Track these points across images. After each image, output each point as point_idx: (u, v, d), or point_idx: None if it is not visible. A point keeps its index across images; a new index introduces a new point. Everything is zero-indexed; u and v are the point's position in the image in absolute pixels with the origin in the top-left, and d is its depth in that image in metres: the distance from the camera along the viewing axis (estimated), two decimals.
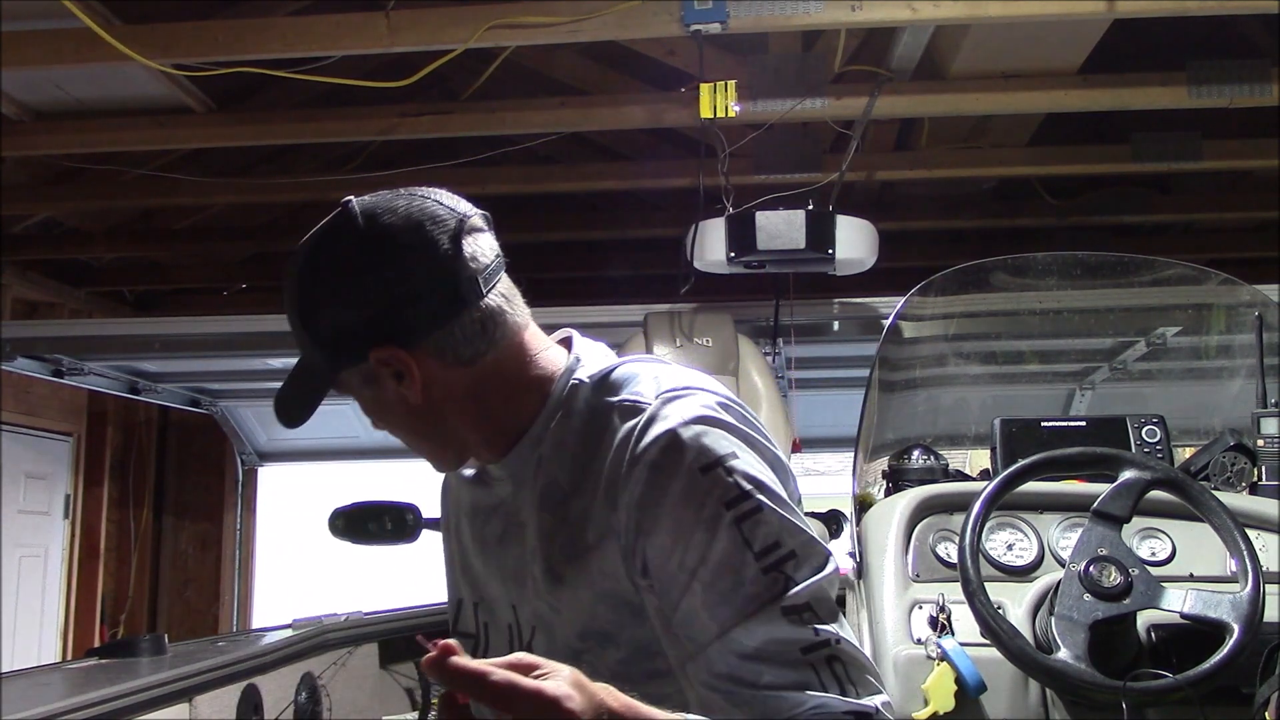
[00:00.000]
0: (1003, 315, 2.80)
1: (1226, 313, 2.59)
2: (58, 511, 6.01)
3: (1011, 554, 1.78)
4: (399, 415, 1.04)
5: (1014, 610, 1.62)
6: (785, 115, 3.58)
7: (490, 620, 1.13)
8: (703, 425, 0.97)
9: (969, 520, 1.53)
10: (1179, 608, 1.42)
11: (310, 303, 1.01)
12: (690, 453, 0.95)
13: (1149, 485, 1.51)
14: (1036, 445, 1.92)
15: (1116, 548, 1.47)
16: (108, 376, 4.58)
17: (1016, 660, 1.44)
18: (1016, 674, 1.54)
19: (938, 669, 1.57)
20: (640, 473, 0.96)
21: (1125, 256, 2.60)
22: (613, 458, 0.98)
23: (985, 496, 1.55)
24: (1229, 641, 1.37)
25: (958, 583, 1.51)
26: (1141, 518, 1.71)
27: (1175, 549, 1.76)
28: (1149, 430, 2.06)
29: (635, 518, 0.96)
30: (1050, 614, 1.47)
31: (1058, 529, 1.80)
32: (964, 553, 1.49)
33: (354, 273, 0.99)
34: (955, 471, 2.18)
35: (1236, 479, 2.01)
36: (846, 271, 3.52)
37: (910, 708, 1.56)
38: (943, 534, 1.80)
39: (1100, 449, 1.62)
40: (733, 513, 0.93)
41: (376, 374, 1.01)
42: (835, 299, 3.96)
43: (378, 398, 1.03)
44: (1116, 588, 1.43)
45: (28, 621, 5.66)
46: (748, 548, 0.93)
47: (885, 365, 2.56)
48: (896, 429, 2.48)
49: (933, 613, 1.66)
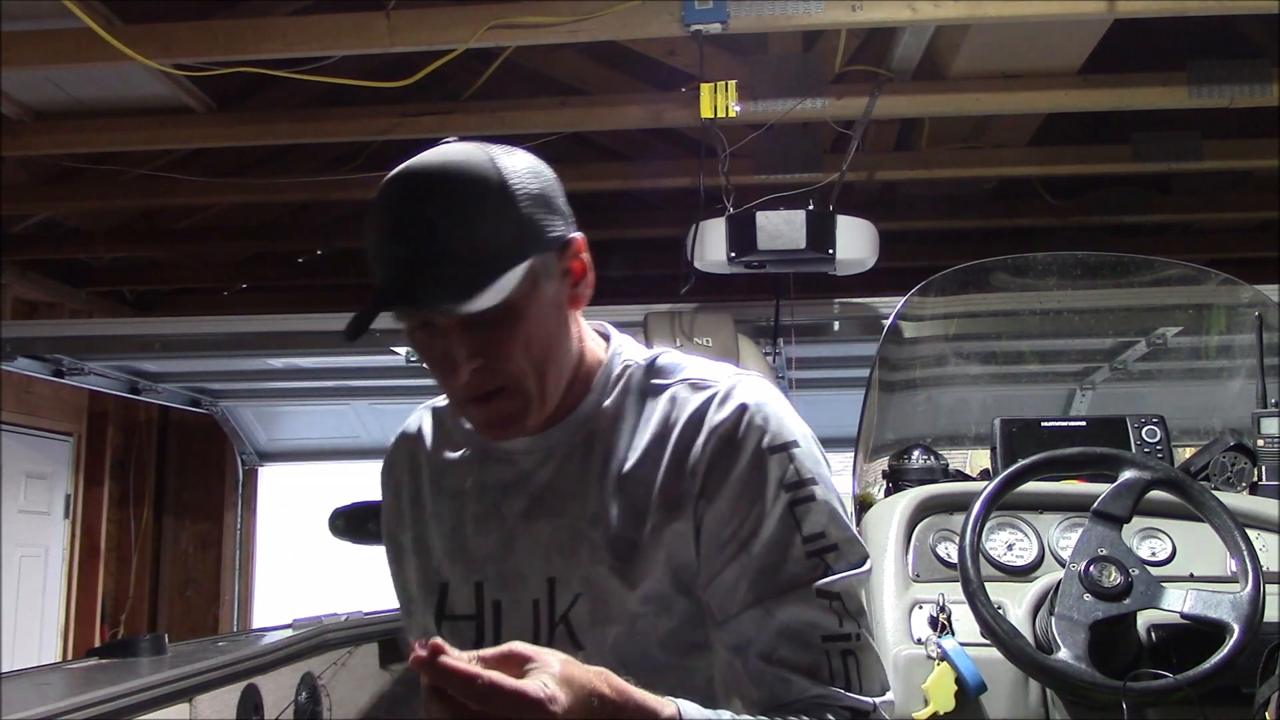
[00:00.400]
0: (1003, 315, 2.80)
1: (1226, 313, 2.59)
2: (58, 511, 6.01)
3: (1011, 554, 1.78)
4: (548, 324, 1.02)
5: (1014, 610, 1.62)
6: (786, 115, 3.58)
7: (504, 597, 1.09)
8: (772, 409, 1.04)
9: (969, 520, 1.53)
10: (1179, 608, 1.42)
11: (523, 176, 1.00)
12: (761, 432, 1.02)
13: (1149, 485, 1.51)
14: (1036, 445, 1.93)
15: (1116, 548, 1.47)
16: (108, 376, 4.58)
17: (1016, 660, 1.44)
18: (1016, 674, 1.54)
19: (938, 669, 1.57)
20: (713, 444, 1.02)
21: (1125, 256, 2.60)
22: (684, 429, 1.03)
23: (985, 496, 1.55)
24: (1229, 641, 1.37)
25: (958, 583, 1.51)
26: (1141, 518, 1.71)
27: (1175, 549, 1.76)
28: (1149, 430, 2.06)
29: (701, 484, 1.01)
30: (1050, 614, 1.47)
31: (1058, 529, 1.80)
32: (964, 553, 1.49)
33: (545, 174, 1.03)
34: (955, 471, 2.18)
35: (1236, 479, 2.01)
36: (847, 271, 3.52)
37: (910, 708, 1.56)
38: (943, 534, 1.80)
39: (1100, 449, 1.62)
40: (790, 495, 1.00)
41: (558, 264, 1.02)
42: (835, 299, 3.96)
43: (539, 296, 1.00)
44: (1116, 588, 1.43)
45: (28, 621, 5.66)
46: (797, 530, 1.00)
47: (885, 365, 2.56)
48: (896, 429, 2.48)
49: (933, 613, 1.66)
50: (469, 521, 1.11)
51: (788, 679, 0.96)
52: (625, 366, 1.10)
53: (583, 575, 1.04)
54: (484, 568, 1.10)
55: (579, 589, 1.04)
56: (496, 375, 1.00)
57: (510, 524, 1.09)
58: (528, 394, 1.02)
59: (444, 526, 1.13)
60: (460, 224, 0.96)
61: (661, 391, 1.07)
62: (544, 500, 1.08)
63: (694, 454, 1.02)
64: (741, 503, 1.00)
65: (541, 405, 1.03)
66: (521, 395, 1.01)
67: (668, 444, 1.04)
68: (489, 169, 0.98)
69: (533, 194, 0.99)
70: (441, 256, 0.95)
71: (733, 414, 1.03)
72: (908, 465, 2.12)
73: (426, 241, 0.95)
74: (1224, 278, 2.47)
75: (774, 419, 1.03)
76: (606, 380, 1.09)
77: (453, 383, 1.01)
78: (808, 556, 0.99)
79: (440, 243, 0.95)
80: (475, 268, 0.95)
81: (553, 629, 1.05)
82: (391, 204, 0.98)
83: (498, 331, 0.98)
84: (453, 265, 0.95)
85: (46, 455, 5.93)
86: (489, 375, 1.00)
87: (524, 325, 0.99)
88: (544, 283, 1.00)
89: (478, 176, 0.98)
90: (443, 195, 0.96)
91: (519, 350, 0.99)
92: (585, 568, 1.04)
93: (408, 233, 0.96)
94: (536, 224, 0.99)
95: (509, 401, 1.01)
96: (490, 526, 1.10)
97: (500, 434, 1.04)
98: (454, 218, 0.96)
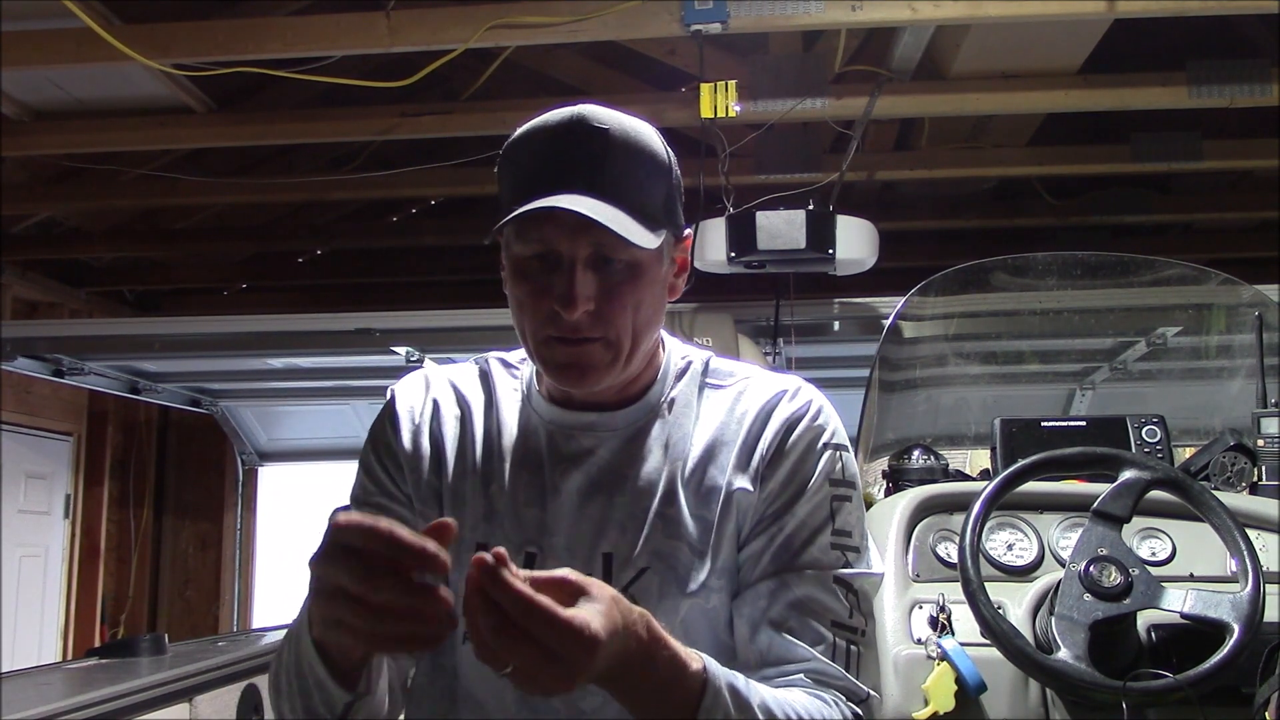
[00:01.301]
0: (1003, 315, 2.79)
1: (1226, 313, 2.59)
2: (58, 511, 6.00)
3: (1011, 554, 1.78)
4: (656, 297, 1.06)
5: (1014, 610, 1.61)
6: (785, 115, 3.58)
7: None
8: (832, 412, 1.13)
9: (969, 520, 1.53)
10: (1179, 608, 1.42)
11: (666, 162, 1.06)
12: (821, 429, 1.10)
13: (1149, 485, 1.51)
14: (1036, 445, 1.92)
15: (1116, 548, 1.47)
16: (108, 376, 4.59)
17: (1016, 660, 1.44)
18: (1016, 674, 1.54)
19: (938, 669, 1.57)
20: (782, 433, 1.09)
21: (1125, 256, 2.60)
22: (755, 419, 1.10)
23: (985, 496, 1.55)
24: (1229, 641, 1.37)
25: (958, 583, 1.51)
26: (1141, 518, 1.71)
27: (1175, 549, 1.76)
28: (1149, 430, 2.06)
29: (759, 469, 1.08)
30: (1050, 614, 1.47)
31: (1058, 529, 1.80)
32: (964, 553, 1.49)
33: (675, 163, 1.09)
34: (955, 471, 2.17)
35: (1236, 479, 2.01)
36: (847, 271, 3.52)
37: (910, 708, 1.56)
38: (943, 534, 1.80)
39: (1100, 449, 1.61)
40: (833, 489, 1.08)
41: (673, 251, 1.09)
42: (835, 299, 3.96)
43: (659, 269, 1.06)
44: (1116, 588, 1.43)
45: (28, 621, 5.66)
46: (831, 520, 1.07)
47: (885, 365, 2.56)
48: (896, 429, 2.48)
49: (933, 613, 1.65)
50: (520, 490, 1.10)
51: (794, 646, 1.02)
52: (686, 360, 1.16)
53: (652, 550, 1.06)
54: (537, 539, 1.09)
55: (645, 563, 1.06)
56: (601, 323, 1.02)
57: (564, 499, 1.09)
58: (619, 352, 1.04)
59: (488, 487, 1.11)
60: (632, 173, 1.01)
61: (723, 387, 1.14)
62: (602, 479, 1.09)
63: (764, 440, 1.09)
64: (790, 484, 1.07)
65: (624, 369, 1.06)
66: (613, 351, 1.04)
67: (739, 431, 1.10)
68: (657, 139, 1.06)
69: (678, 176, 1.08)
70: (611, 189, 0.99)
71: (803, 408, 1.11)
72: (908, 465, 2.11)
73: (599, 172, 0.99)
74: (1224, 278, 2.47)
75: (834, 421, 1.12)
76: (670, 372, 1.14)
77: (553, 319, 1.01)
78: (833, 547, 1.06)
79: (613, 177, 0.99)
80: (637, 212, 1.00)
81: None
82: (570, 130, 1.01)
83: (620, 284, 1.02)
84: (618, 201, 0.99)
85: (46, 455, 5.93)
86: (595, 321, 1.01)
87: (641, 288, 1.03)
88: (665, 259, 1.07)
89: (650, 140, 1.05)
90: (621, 142, 1.01)
91: (629, 308, 1.03)
92: (656, 542, 1.06)
93: (583, 159, 1.00)
94: (675, 204, 1.08)
95: (600, 353, 1.03)
96: (544, 498, 1.09)
97: (578, 381, 1.05)
98: (628, 165, 1.01)
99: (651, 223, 1.01)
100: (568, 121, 1.02)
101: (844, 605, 1.04)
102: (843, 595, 1.04)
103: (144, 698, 1.55)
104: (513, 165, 1.04)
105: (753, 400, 1.12)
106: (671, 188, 1.07)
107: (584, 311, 1.00)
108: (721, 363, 1.17)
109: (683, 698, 0.90)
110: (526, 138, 1.04)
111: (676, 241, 1.09)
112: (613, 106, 1.06)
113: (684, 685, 0.90)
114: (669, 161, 1.07)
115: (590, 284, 1.00)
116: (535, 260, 1.02)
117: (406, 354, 4.06)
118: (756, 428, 1.10)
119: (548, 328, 1.02)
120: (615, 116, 1.03)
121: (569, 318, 1.00)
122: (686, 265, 1.13)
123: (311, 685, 0.94)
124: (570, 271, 1.00)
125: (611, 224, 0.97)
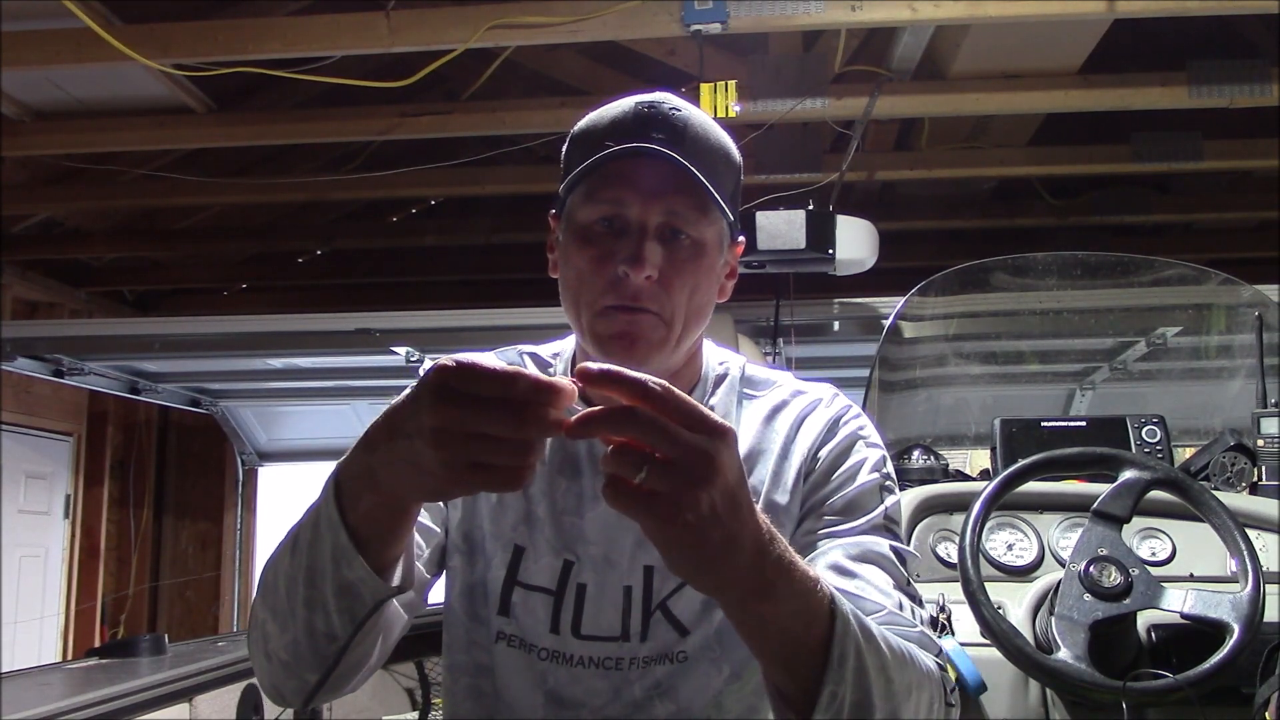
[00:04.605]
0: (1003, 315, 2.79)
1: (1226, 313, 2.59)
2: (58, 511, 6.01)
3: (1011, 554, 1.78)
4: (711, 285, 1.06)
5: (1014, 610, 1.61)
6: (785, 115, 3.58)
7: (592, 580, 1.07)
8: (865, 420, 1.14)
9: (969, 520, 1.53)
10: (1179, 608, 1.42)
11: (737, 161, 1.08)
12: (860, 428, 1.12)
13: (1149, 485, 1.51)
14: (1036, 445, 1.93)
15: (1116, 548, 1.47)
16: (108, 376, 4.59)
17: (1016, 660, 1.44)
18: (1016, 674, 1.54)
19: None
20: (823, 434, 1.10)
21: (1125, 256, 2.60)
22: (794, 423, 1.11)
23: (985, 496, 1.55)
24: (1229, 641, 1.37)
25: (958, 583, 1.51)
26: (1141, 518, 1.71)
27: (1175, 549, 1.76)
28: (1149, 430, 2.06)
29: (808, 467, 1.09)
30: (1050, 614, 1.47)
31: (1058, 529, 1.80)
32: (964, 553, 1.49)
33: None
34: (955, 471, 2.17)
35: (1236, 479, 2.01)
36: (847, 271, 3.52)
37: None
38: (943, 534, 1.80)
39: (1100, 449, 1.61)
40: (882, 480, 1.08)
41: (730, 248, 1.09)
42: (835, 299, 3.96)
43: (717, 257, 1.07)
44: (1116, 588, 1.43)
45: (28, 622, 5.66)
46: (882, 504, 1.06)
47: (885, 365, 2.56)
48: (896, 429, 2.48)
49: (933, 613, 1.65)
50: (558, 496, 1.08)
51: (862, 598, 0.96)
52: (724, 367, 1.16)
53: None
54: (575, 548, 1.07)
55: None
56: (659, 295, 1.01)
57: (603, 508, 1.02)
58: (670, 331, 1.02)
59: (526, 490, 1.08)
60: (709, 153, 1.02)
61: (758, 396, 1.15)
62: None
63: (804, 443, 1.10)
64: (836, 473, 1.08)
65: (673, 352, 1.04)
66: (665, 328, 1.02)
67: (778, 437, 1.10)
68: (730, 139, 1.07)
69: (742, 178, 1.10)
70: (691, 159, 0.99)
71: (841, 411, 1.12)
72: (908, 465, 2.12)
73: (680, 144, 1.00)
74: (1224, 278, 2.47)
75: (870, 426, 1.14)
76: (709, 378, 1.14)
77: (614, 286, 1.00)
78: (885, 526, 1.05)
79: (693, 151, 1.00)
80: (713, 182, 1.01)
81: (648, 615, 1.05)
82: (652, 105, 1.02)
83: (685, 261, 1.02)
84: (697, 167, 1.00)
85: (46, 455, 5.93)
86: (654, 292, 1.00)
87: (702, 270, 1.03)
88: (724, 250, 1.08)
89: (724, 135, 1.06)
90: (700, 126, 1.03)
91: (688, 287, 1.02)
92: None
93: (665, 128, 1.01)
94: (738, 204, 1.09)
95: (653, 327, 1.02)
96: (581, 507, 1.07)
97: (628, 350, 1.01)
98: (706, 145, 1.03)
99: (720, 206, 1.02)
100: (648, 100, 1.03)
101: (902, 573, 1.02)
102: (898, 563, 1.03)
103: (144, 698, 1.55)
104: (587, 137, 1.04)
105: (791, 407, 1.13)
106: (737, 186, 1.08)
107: (647, 277, 0.99)
108: (756, 370, 1.17)
109: (808, 619, 0.81)
110: (602, 114, 1.04)
111: (732, 241, 1.10)
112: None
113: (815, 604, 0.81)
114: (739, 162, 1.08)
115: (657, 252, 1.00)
116: (602, 224, 1.01)
117: (406, 354, 4.06)
118: (794, 432, 1.11)
119: (607, 296, 1.01)
120: (693, 107, 1.05)
121: (635, 276, 0.99)
122: (735, 273, 1.13)
123: (331, 593, 0.86)
124: (640, 235, 1.00)
125: (692, 184, 0.99)
